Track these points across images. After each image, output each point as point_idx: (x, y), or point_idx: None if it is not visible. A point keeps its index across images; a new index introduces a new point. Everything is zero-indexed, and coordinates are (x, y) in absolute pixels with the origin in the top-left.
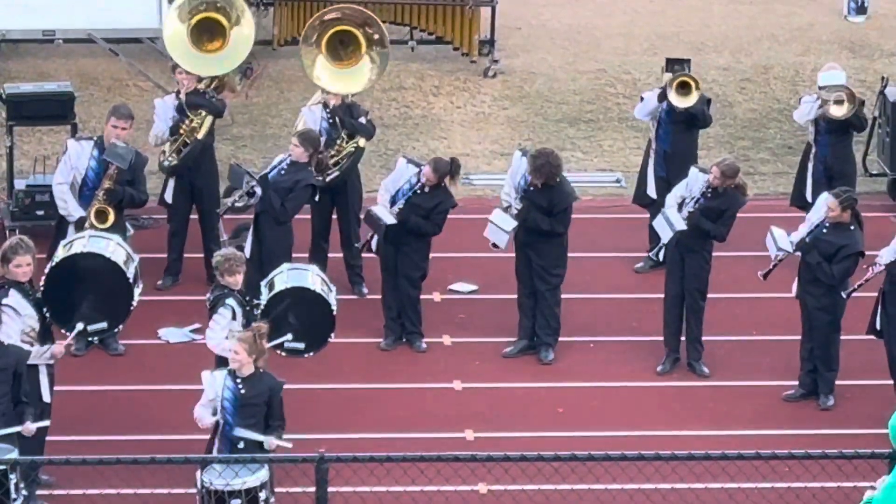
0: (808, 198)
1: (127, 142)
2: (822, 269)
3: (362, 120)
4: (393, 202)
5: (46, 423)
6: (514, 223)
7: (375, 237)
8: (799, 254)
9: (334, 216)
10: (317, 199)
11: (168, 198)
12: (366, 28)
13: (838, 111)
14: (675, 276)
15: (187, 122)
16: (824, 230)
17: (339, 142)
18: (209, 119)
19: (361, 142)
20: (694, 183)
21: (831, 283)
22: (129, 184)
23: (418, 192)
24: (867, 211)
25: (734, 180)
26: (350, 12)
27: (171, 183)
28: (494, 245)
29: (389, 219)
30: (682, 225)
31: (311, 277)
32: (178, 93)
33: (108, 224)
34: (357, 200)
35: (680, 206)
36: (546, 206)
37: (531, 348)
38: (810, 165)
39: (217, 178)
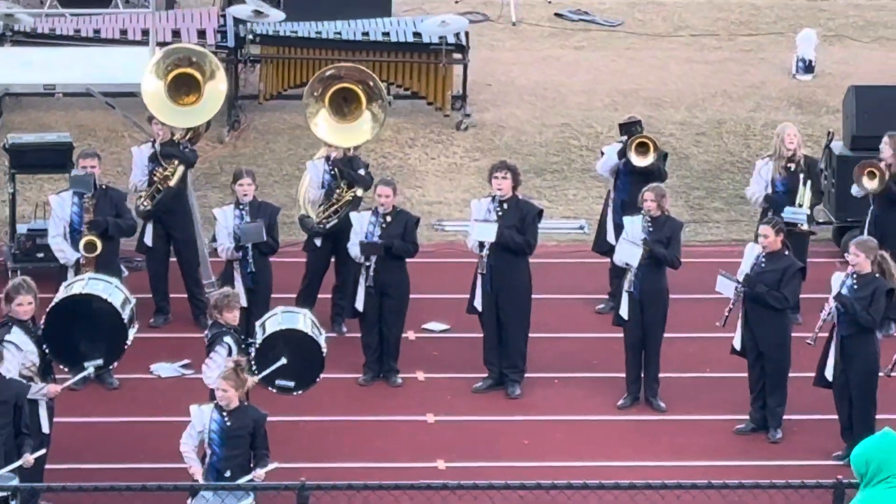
0: None
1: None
2: (773, 296)
3: (361, 171)
4: None
5: (43, 451)
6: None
7: (359, 298)
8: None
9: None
10: (319, 244)
11: (148, 240)
12: (365, 84)
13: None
14: (635, 328)
15: (161, 170)
16: (762, 263)
17: (338, 191)
18: (181, 168)
19: (359, 192)
20: (631, 228)
21: (785, 306)
22: (116, 216)
23: (384, 225)
24: (814, 257)
25: (666, 199)
26: (350, 70)
27: (149, 228)
28: (480, 244)
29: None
30: (639, 240)
31: (303, 320)
32: (153, 141)
33: (97, 253)
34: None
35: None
36: (517, 221)
37: (499, 384)
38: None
39: (191, 222)
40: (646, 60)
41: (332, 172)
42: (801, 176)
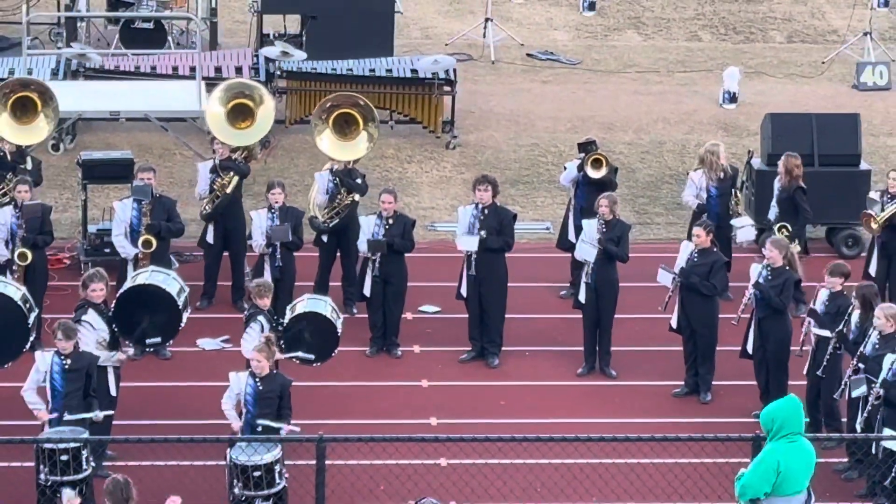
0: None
1: (151, 185)
2: (704, 285)
3: (358, 181)
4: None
5: (111, 412)
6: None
7: (366, 285)
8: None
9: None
10: (325, 240)
11: (209, 238)
12: (358, 105)
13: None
14: (591, 310)
15: (219, 180)
16: (695, 258)
17: (339, 197)
18: (236, 179)
19: (357, 197)
20: (588, 230)
21: (713, 293)
22: (167, 220)
23: (387, 226)
24: (737, 252)
25: (617, 205)
26: (345, 98)
27: (210, 228)
28: (467, 251)
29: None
30: (595, 240)
31: (324, 305)
32: (214, 157)
33: (152, 249)
34: (356, 242)
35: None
36: (497, 225)
37: (481, 356)
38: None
39: (244, 223)
40: (600, 92)
41: (335, 181)
42: (729, 183)
